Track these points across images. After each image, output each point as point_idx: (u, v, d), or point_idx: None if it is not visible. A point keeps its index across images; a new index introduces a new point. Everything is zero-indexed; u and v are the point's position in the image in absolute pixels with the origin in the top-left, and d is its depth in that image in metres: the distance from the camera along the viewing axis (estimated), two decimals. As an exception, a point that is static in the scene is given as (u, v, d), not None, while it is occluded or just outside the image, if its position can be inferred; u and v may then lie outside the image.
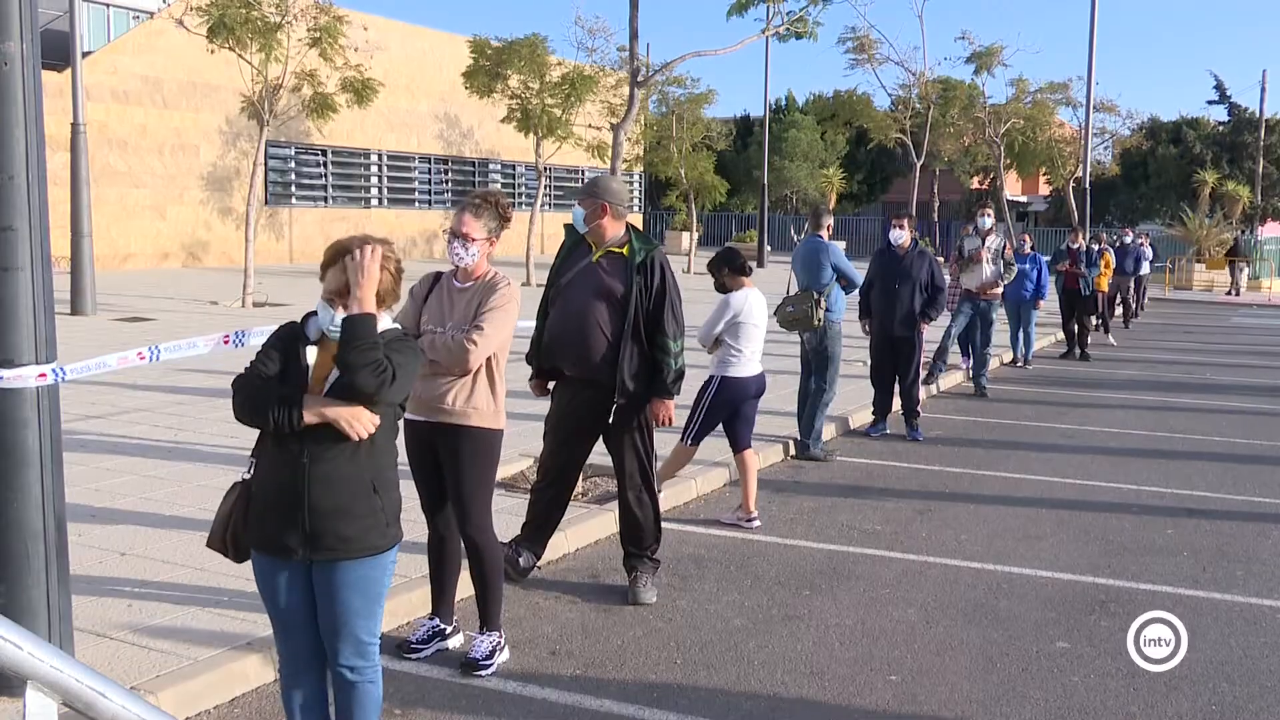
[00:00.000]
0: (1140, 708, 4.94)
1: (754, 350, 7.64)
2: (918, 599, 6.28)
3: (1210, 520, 8.19)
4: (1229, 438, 11.56)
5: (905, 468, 9.71)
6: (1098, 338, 20.05)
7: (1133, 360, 18.40)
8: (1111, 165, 45.86)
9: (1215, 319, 28.26)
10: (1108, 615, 6.09)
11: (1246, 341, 22.65)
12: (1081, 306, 18.35)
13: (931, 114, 39.17)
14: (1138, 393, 14.72)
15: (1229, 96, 50.58)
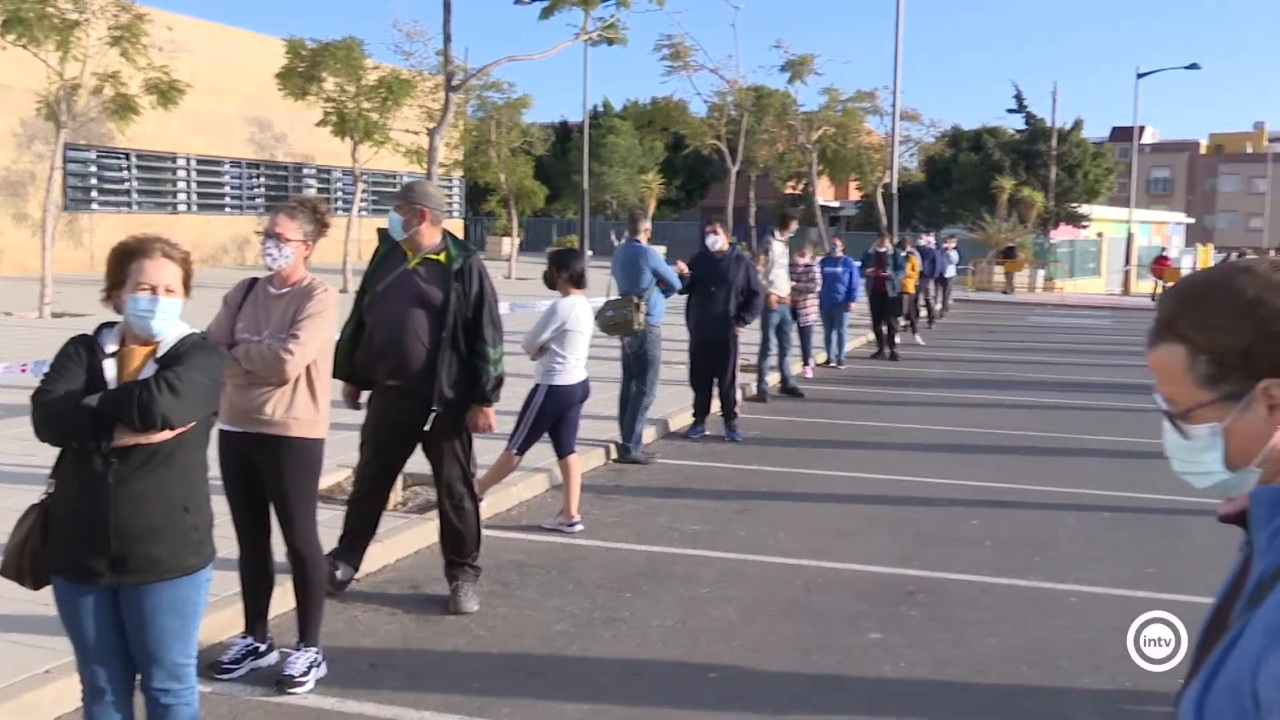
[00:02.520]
0: (946, 692, 5.15)
1: (579, 357, 7.67)
2: (736, 596, 6.40)
3: (1011, 510, 8.59)
4: (1027, 431, 12.15)
5: (724, 468, 9.89)
6: (906, 338, 20.80)
7: (939, 359, 19.16)
8: (917, 172, 47.57)
9: (1015, 318, 29.66)
10: (917, 605, 6.33)
11: (1043, 340, 23.85)
12: (889, 308, 19.01)
13: (746, 121, 39.97)
14: (944, 390, 15.33)
15: (1026, 106, 53.16)
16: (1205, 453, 1.51)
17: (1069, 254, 47.23)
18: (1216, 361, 1.46)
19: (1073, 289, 44.39)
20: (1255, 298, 1.44)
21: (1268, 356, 1.43)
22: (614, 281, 10.25)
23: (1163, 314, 1.53)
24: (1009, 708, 5.00)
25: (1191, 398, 1.50)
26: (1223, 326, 1.45)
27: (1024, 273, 41.48)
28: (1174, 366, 1.50)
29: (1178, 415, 1.52)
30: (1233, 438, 1.48)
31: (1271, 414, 1.45)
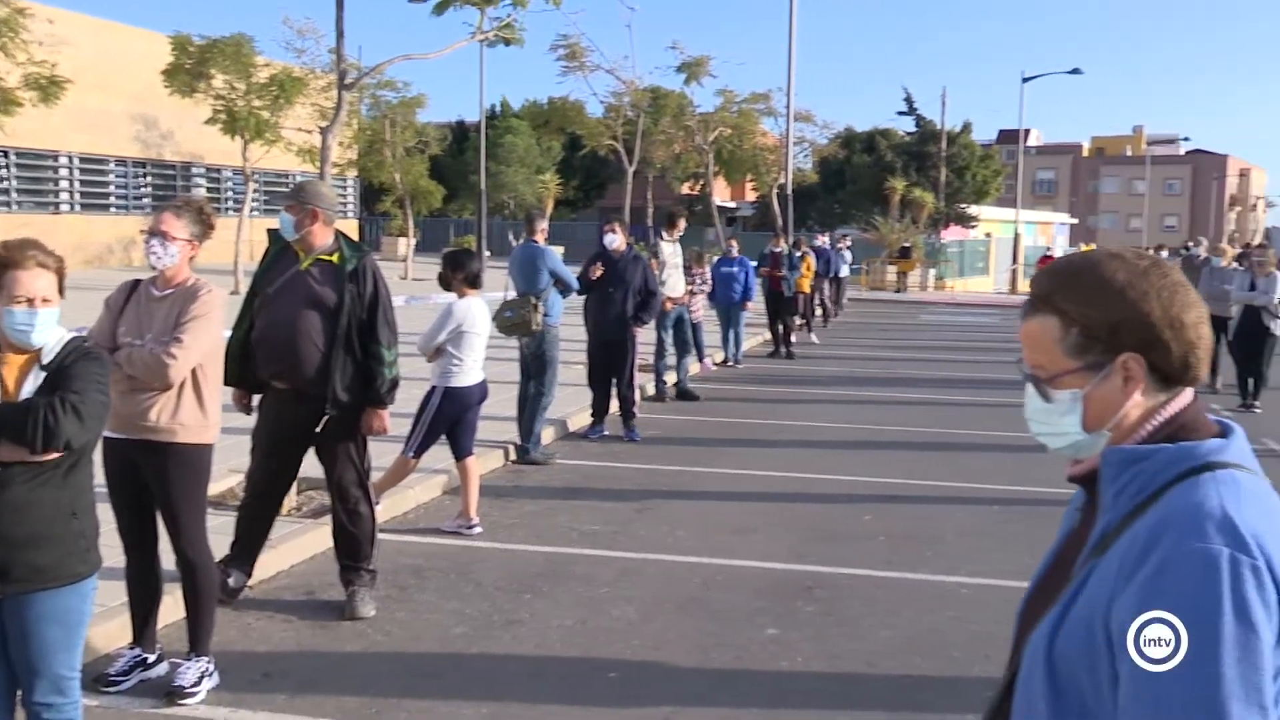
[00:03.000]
0: (842, 686, 5.24)
1: (476, 359, 7.62)
2: (636, 596, 6.42)
3: (903, 505, 8.76)
4: (919, 427, 12.39)
5: (623, 468, 9.92)
6: (802, 337, 21.07)
7: (834, 357, 19.44)
8: (812, 172, 48.18)
9: (907, 317, 30.24)
10: (813, 600, 6.42)
11: (934, 338, 24.35)
12: (785, 307, 19.24)
13: (643, 121, 40.11)
14: (839, 388, 15.57)
15: (916, 109, 54.13)
16: (1065, 416, 1.67)
17: (959, 254, 48.29)
18: (1086, 333, 1.63)
19: (962, 288, 45.40)
20: (1126, 280, 1.62)
21: (1131, 333, 1.61)
22: (511, 282, 10.21)
23: (1041, 289, 1.68)
24: (902, 698, 5.10)
25: (1059, 365, 1.66)
26: (1096, 303, 1.62)
27: (916, 272, 42.29)
28: (1046, 336, 1.67)
29: (1045, 380, 1.68)
30: (1091, 404, 1.65)
31: (1126, 385, 1.63)
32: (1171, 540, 1.46)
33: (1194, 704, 1.39)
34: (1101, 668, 1.50)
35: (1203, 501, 1.49)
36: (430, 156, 35.82)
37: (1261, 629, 1.41)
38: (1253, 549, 1.44)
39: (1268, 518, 1.50)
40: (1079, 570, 1.59)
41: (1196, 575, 1.42)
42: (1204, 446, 1.59)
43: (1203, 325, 1.64)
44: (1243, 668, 1.39)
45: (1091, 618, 1.51)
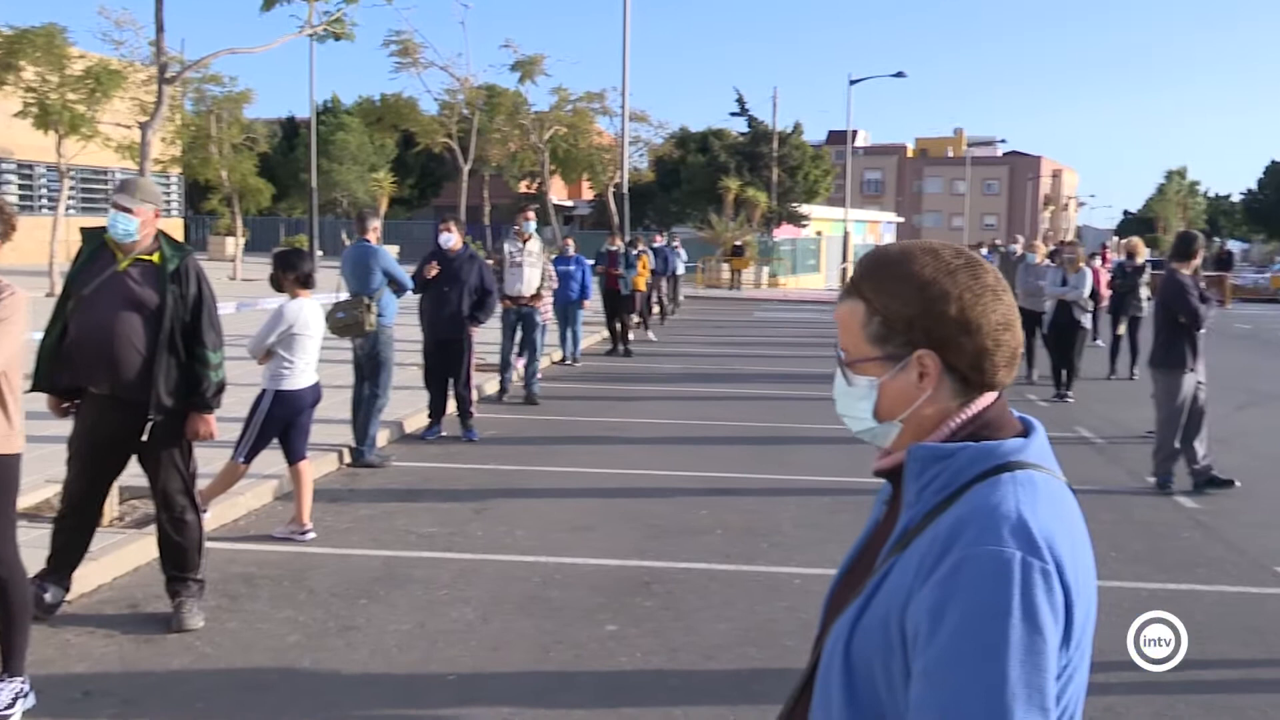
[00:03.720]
0: (680, 681, 5.30)
1: (308, 361, 7.46)
2: (474, 597, 6.39)
3: (739, 499, 8.92)
4: (754, 422, 12.63)
5: (461, 468, 9.84)
6: (639, 334, 21.24)
7: (671, 354, 19.67)
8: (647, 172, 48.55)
9: (742, 314, 30.77)
10: (651, 595, 6.49)
11: (768, 334, 24.85)
12: (622, 306, 19.37)
13: (478, 120, 39.82)
14: (676, 385, 15.76)
15: (748, 110, 55.06)
16: (861, 401, 1.70)
17: (791, 252, 49.36)
18: (886, 324, 1.65)
19: (795, 285, 46.41)
20: (930, 278, 1.63)
21: (927, 330, 1.62)
22: (344, 282, 10.02)
23: (855, 275, 1.71)
24: (737, 690, 5.20)
25: (861, 351, 1.68)
26: (898, 295, 1.64)
27: (750, 270, 43.04)
28: (853, 321, 1.69)
29: (847, 364, 1.70)
30: (885, 393, 1.67)
31: (921, 380, 1.64)
32: (967, 541, 1.49)
33: (977, 703, 1.41)
34: (895, 664, 1.52)
35: (999, 503, 1.51)
36: (259, 153, 34.86)
37: (1048, 631, 1.45)
38: (1044, 552, 1.47)
39: (1061, 519, 1.54)
40: (881, 564, 1.60)
41: (988, 577, 1.45)
42: (1005, 446, 1.60)
43: (1005, 332, 1.64)
44: (1027, 669, 1.43)
45: (889, 613, 1.53)
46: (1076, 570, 1.52)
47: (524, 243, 13.43)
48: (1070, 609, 1.49)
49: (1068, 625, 1.49)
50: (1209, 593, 6.74)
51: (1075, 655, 1.52)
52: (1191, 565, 7.32)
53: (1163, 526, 8.29)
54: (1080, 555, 1.55)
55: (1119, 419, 13.00)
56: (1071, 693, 1.53)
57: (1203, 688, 5.32)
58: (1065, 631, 1.49)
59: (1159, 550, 7.66)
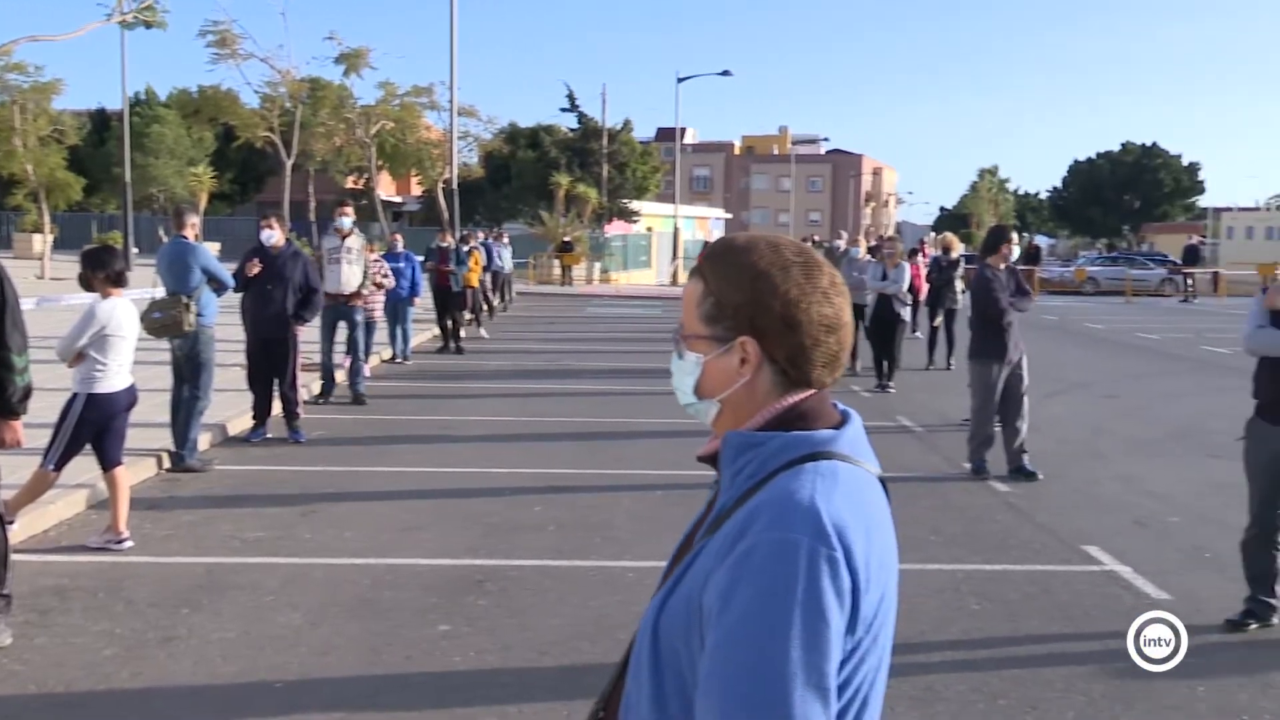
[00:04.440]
0: (514, 678, 5.29)
1: (122, 363, 7.16)
2: (303, 602, 6.24)
3: (573, 495, 8.94)
4: (587, 417, 12.67)
5: (288, 471, 9.60)
6: (471, 331, 21.08)
7: (503, 351, 19.58)
8: (477, 167, 48.22)
9: (574, 310, 30.83)
10: (484, 594, 6.45)
11: (600, 329, 24.96)
12: (453, 302, 19.18)
13: (301, 113, 38.89)
14: (508, 381, 15.70)
15: (578, 106, 55.17)
16: (687, 376, 1.77)
17: (622, 248, 49.68)
18: (717, 306, 1.72)
19: (626, 281, 46.73)
20: (763, 269, 1.69)
21: (751, 318, 1.69)
22: (160, 281, 9.66)
23: (702, 255, 1.79)
24: (571, 684, 5.21)
25: (693, 328, 1.76)
26: (731, 281, 1.70)
27: (581, 266, 43.16)
28: (692, 298, 1.76)
29: (681, 338, 1.78)
30: (708, 371, 1.74)
31: (741, 365, 1.71)
32: (760, 527, 1.55)
33: (757, 682, 1.48)
34: (695, 642, 1.57)
35: (796, 491, 1.57)
36: (68, 146, 33.31)
37: (831, 617, 1.51)
38: (832, 540, 1.53)
39: (857, 509, 1.60)
40: (695, 548, 1.66)
41: (774, 562, 1.51)
42: (816, 436, 1.66)
43: (828, 334, 1.69)
44: (807, 651, 1.49)
45: (692, 594, 1.59)
46: (869, 558, 1.58)
47: (343, 239, 13.13)
48: (858, 595, 1.55)
49: (855, 610, 1.55)
50: (1021, 572, 7.06)
51: (866, 639, 1.58)
52: (1005, 547, 7.65)
53: (978, 510, 8.64)
54: (876, 544, 1.61)
55: (937, 408, 13.49)
56: (864, 674, 1.59)
57: (1015, 663, 5.57)
58: (853, 617, 1.55)
59: (975, 533, 7.98)
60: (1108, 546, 7.57)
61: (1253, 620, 6.02)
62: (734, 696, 1.48)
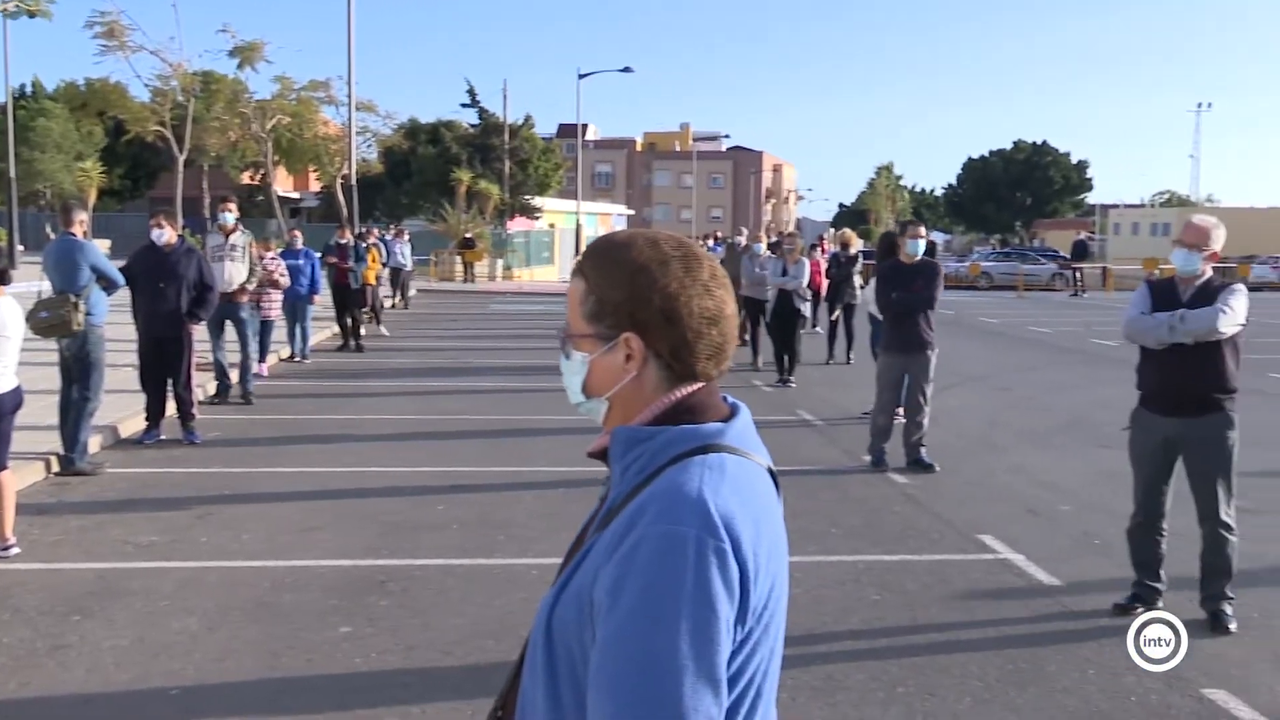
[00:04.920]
0: (417, 678, 5.25)
1: (7, 364, 6.93)
2: (199, 606, 6.12)
3: (476, 493, 8.89)
4: (489, 415, 12.61)
5: (182, 473, 9.40)
6: (371, 329, 20.83)
7: (405, 349, 19.38)
8: (376, 163, 47.65)
9: (477, 307, 30.64)
10: (387, 594, 6.38)
11: (503, 326, 24.84)
12: (352, 300, 18.94)
13: (194, 107, 38.06)
14: (409, 380, 15.54)
15: (479, 101, 54.81)
16: (575, 375, 1.78)
17: (525, 244, 49.48)
18: (600, 304, 1.73)
19: (529, 277, 46.55)
20: (642, 265, 1.71)
21: (633, 314, 1.70)
22: (48, 279, 9.38)
23: (583, 254, 1.79)
24: (475, 683, 5.17)
25: (578, 327, 1.77)
26: (611, 278, 1.72)
27: (484, 263, 42.90)
28: (575, 298, 1.77)
29: (567, 338, 1.78)
30: (595, 370, 1.75)
31: (627, 362, 1.72)
32: (648, 520, 1.56)
33: (647, 674, 1.49)
34: (587, 636, 1.58)
35: (684, 484, 1.59)
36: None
37: (720, 607, 1.52)
38: (720, 531, 1.54)
39: (745, 501, 1.61)
40: (587, 543, 1.67)
41: (663, 555, 1.52)
42: (704, 430, 1.67)
43: (710, 326, 1.71)
44: (697, 642, 1.50)
45: (583, 589, 1.60)
46: (758, 548, 1.59)
47: (226, 236, 12.90)
48: (747, 585, 1.57)
49: (744, 601, 1.56)
50: (919, 562, 7.20)
51: (757, 629, 1.60)
52: (904, 537, 7.79)
53: (877, 502, 8.78)
54: (765, 534, 1.63)
55: (837, 401, 13.68)
56: (756, 664, 1.61)
57: (914, 651, 5.68)
58: (742, 607, 1.56)
59: (874, 525, 8.11)
60: (1002, 535, 7.75)
61: (1139, 604, 6.22)
62: (624, 690, 1.49)
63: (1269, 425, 10.84)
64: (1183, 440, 6.06)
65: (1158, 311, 6.06)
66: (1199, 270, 6.07)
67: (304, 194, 62.66)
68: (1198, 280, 6.05)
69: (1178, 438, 6.06)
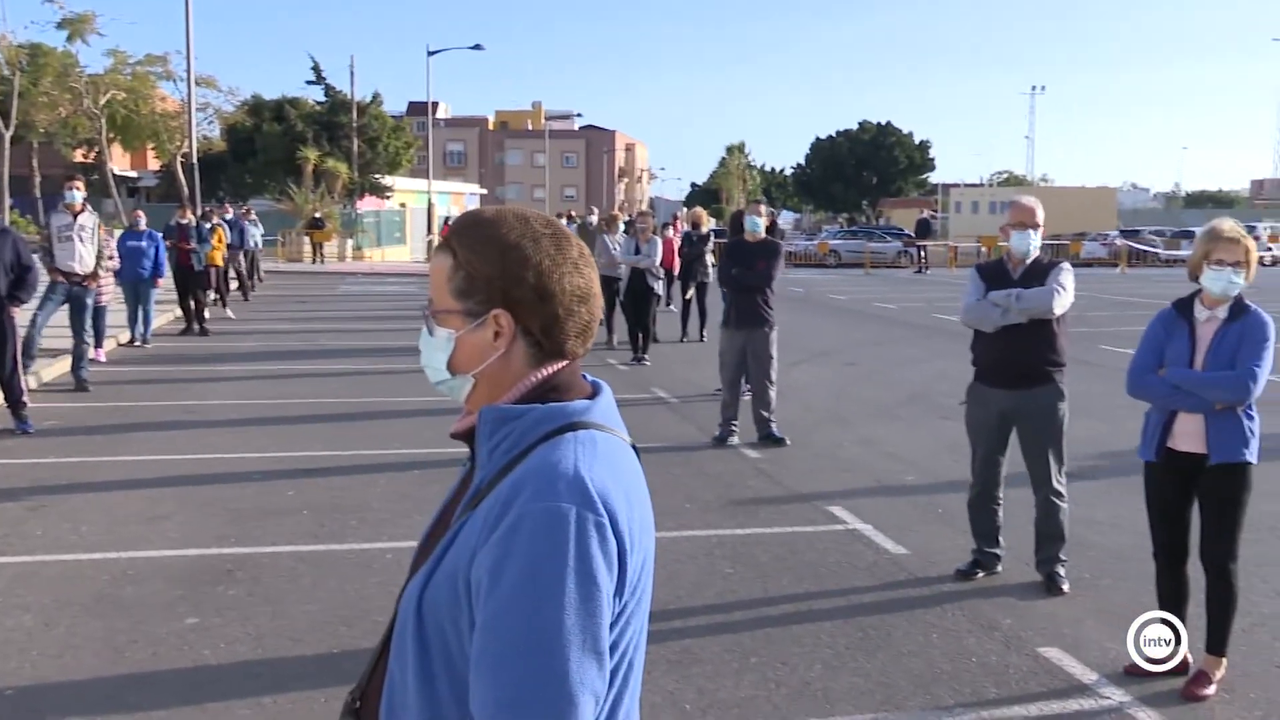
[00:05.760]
0: (267, 668, 5.14)
1: None
2: (34, 602, 5.87)
3: (327, 478, 8.72)
4: (340, 398, 12.39)
5: (13, 464, 8.99)
6: (216, 312, 20.25)
7: (252, 332, 18.89)
8: (218, 141, 46.19)
9: (327, 288, 30.03)
10: (235, 583, 6.23)
11: (354, 308, 24.40)
12: (196, 282, 18.38)
13: (20, 81, 36.30)
14: (258, 363, 15.16)
15: (325, 78, 53.45)
16: (439, 352, 1.75)
17: (375, 224, 48.66)
18: (469, 280, 1.71)
19: (381, 257, 45.84)
20: (514, 242, 1.70)
21: (504, 291, 1.69)
22: None
23: (449, 230, 1.77)
24: (328, 671, 5.09)
25: (444, 303, 1.74)
26: (482, 254, 1.70)
27: (333, 243, 42.05)
28: (441, 274, 1.74)
29: (431, 314, 1.76)
30: (461, 347, 1.73)
31: (495, 339, 1.71)
32: (526, 497, 1.55)
33: (534, 650, 1.49)
34: (463, 619, 1.57)
35: (559, 461, 1.59)
36: None
37: (602, 581, 1.54)
38: (598, 506, 1.56)
39: (618, 476, 1.63)
40: (454, 524, 1.66)
41: (544, 531, 1.53)
42: (571, 407, 1.68)
43: (580, 304, 1.72)
44: (582, 617, 1.51)
45: (456, 570, 1.59)
46: (632, 523, 1.61)
47: (74, 216, 12.39)
48: (624, 558, 1.58)
49: (621, 574, 1.58)
50: (771, 535, 7.34)
51: (631, 601, 1.62)
52: (756, 511, 7.93)
53: (730, 477, 8.91)
54: (636, 509, 1.65)
55: (691, 379, 13.83)
56: (630, 636, 1.63)
57: (767, 622, 5.80)
58: (620, 580, 1.58)
59: (727, 499, 8.24)
60: (850, 506, 7.95)
61: (980, 570, 6.46)
62: (512, 668, 1.49)
63: (1097, 396, 11.35)
64: (1016, 412, 6.31)
65: (992, 292, 6.28)
66: (1036, 247, 6.32)
67: (142, 173, 60.35)
68: (1028, 259, 6.29)
69: (1012, 410, 6.31)
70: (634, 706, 1.69)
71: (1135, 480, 5.39)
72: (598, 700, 1.55)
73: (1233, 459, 4.86)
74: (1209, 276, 4.89)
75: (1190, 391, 4.87)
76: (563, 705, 1.49)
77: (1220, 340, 4.89)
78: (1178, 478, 5.02)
